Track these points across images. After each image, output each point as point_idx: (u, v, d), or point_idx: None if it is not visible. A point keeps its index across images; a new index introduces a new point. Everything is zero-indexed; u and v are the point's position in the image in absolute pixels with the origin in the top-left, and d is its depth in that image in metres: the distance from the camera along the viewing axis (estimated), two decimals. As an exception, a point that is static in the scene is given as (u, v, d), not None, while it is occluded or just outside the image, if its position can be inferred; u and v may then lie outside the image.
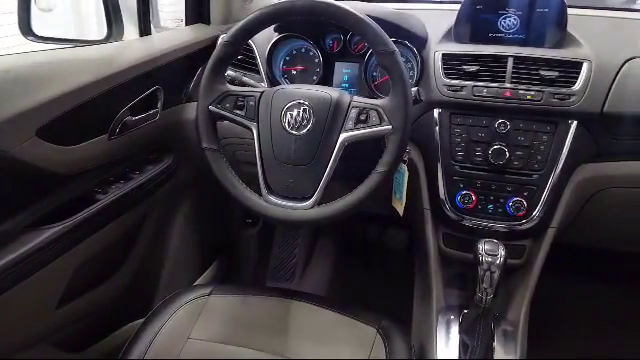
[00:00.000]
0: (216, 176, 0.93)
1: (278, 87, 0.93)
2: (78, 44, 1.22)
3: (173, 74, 1.22)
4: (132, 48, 1.17)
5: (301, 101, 0.89)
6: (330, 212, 0.88)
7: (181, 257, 1.44)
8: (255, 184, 0.93)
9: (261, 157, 0.92)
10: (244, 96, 0.93)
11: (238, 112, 0.93)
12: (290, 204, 0.90)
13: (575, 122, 1.01)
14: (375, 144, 0.95)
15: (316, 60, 1.18)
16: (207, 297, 1.02)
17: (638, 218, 1.15)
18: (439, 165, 1.08)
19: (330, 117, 0.88)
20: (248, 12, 1.00)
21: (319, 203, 0.89)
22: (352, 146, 0.89)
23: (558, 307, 1.52)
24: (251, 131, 0.92)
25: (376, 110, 0.87)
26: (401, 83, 0.85)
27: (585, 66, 1.01)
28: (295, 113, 0.89)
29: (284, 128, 0.90)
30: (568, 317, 1.54)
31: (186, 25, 1.40)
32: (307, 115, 0.89)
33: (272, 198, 0.91)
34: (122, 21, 1.26)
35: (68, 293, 1.04)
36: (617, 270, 1.58)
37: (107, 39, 1.25)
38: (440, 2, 1.59)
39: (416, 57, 1.11)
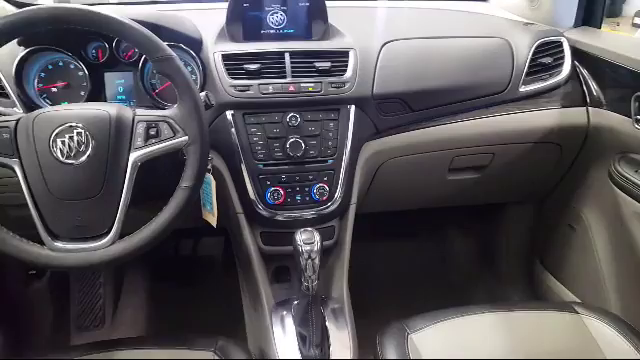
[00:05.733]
0: None
1: (39, 111, 0.79)
2: None
3: None
4: None
5: (73, 124, 0.77)
6: (136, 244, 0.78)
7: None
8: (33, 229, 0.77)
9: (33, 198, 0.77)
10: None
11: None
12: (84, 246, 0.77)
13: (353, 107, 1.10)
14: (174, 157, 0.87)
15: (80, 73, 1.03)
16: (-5, 383, 0.81)
17: (414, 180, 1.33)
18: (243, 167, 1.06)
19: (113, 137, 0.78)
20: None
21: (121, 236, 0.78)
22: (147, 164, 0.80)
23: (375, 273, 1.68)
24: (12, 169, 0.76)
25: (166, 122, 0.80)
26: (187, 89, 0.80)
27: (351, 54, 1.11)
28: (67, 139, 0.76)
29: (57, 159, 0.76)
30: (385, 279, 1.72)
31: None
32: (83, 139, 0.77)
33: (59, 244, 0.77)
34: None
35: None
36: (413, 227, 1.83)
37: None
38: (204, 1, 1.55)
39: (195, 60, 1.06)
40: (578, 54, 1.28)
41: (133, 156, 0.80)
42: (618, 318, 0.97)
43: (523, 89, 1.23)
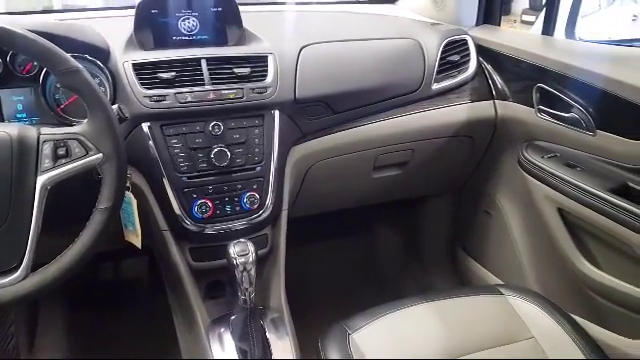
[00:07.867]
0: None
1: None
2: None
3: None
4: None
5: None
6: (52, 276, 0.72)
7: None
8: None
9: None
10: None
11: None
12: None
13: (277, 111, 1.09)
14: (88, 177, 0.81)
15: None
16: None
17: (341, 181, 1.35)
18: (165, 181, 1.01)
19: (16, 161, 0.71)
20: None
21: (34, 268, 0.71)
22: (59, 187, 0.74)
23: (312, 276, 1.68)
24: None
25: (76, 139, 0.75)
26: (98, 103, 0.75)
27: (270, 59, 1.10)
28: None
29: None
30: (322, 281, 1.71)
31: None
32: None
33: (-40, 285, 0.67)
34: None
35: None
36: (345, 227, 1.84)
37: None
38: (107, 9, 1.47)
39: (103, 71, 1.00)
40: (482, 51, 1.37)
41: (41, 180, 0.73)
42: (538, 295, 1.04)
43: (435, 87, 1.29)
